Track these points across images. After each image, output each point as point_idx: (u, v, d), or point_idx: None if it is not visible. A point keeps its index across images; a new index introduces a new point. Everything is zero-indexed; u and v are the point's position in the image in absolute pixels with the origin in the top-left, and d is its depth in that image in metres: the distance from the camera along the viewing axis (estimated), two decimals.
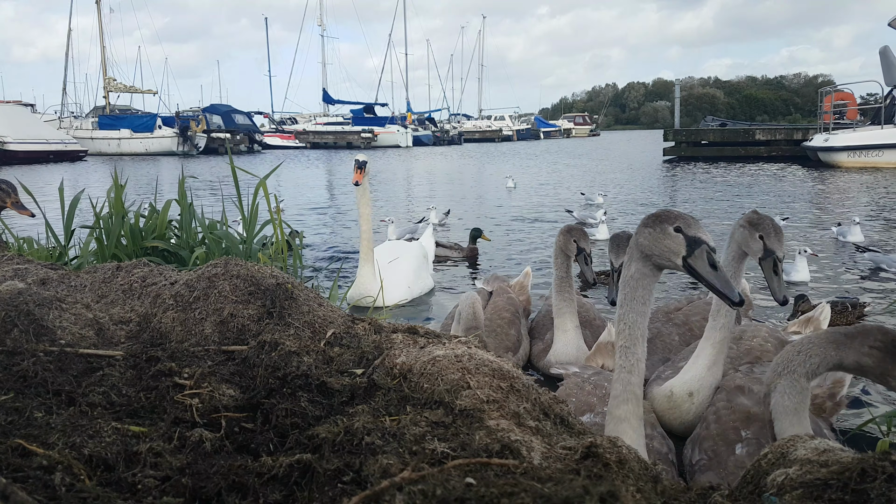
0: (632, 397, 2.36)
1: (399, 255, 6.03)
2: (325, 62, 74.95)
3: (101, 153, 45.05)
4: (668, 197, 15.34)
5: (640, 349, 2.38)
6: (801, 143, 26.08)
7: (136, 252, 4.49)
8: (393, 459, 1.37)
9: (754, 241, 2.93)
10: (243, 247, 4.75)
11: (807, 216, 11.53)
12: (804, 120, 52.66)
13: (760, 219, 2.96)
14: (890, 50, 21.81)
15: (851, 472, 1.32)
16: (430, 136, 63.93)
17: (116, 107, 53.68)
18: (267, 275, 2.45)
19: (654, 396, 3.24)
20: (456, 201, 15.20)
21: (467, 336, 2.90)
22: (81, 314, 2.22)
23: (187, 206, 4.74)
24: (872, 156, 22.11)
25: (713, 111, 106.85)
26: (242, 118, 51.78)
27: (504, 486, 1.21)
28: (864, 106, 27.06)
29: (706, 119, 36.35)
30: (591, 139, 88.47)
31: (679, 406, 3.08)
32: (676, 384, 3.13)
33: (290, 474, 1.36)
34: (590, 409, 2.86)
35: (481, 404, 1.70)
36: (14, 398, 1.62)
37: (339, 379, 1.95)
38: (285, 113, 74.99)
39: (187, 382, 1.85)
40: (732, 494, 1.53)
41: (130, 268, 2.77)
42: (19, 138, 35.83)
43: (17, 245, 4.63)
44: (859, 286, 6.43)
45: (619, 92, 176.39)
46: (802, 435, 1.61)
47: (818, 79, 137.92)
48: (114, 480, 1.33)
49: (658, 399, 3.20)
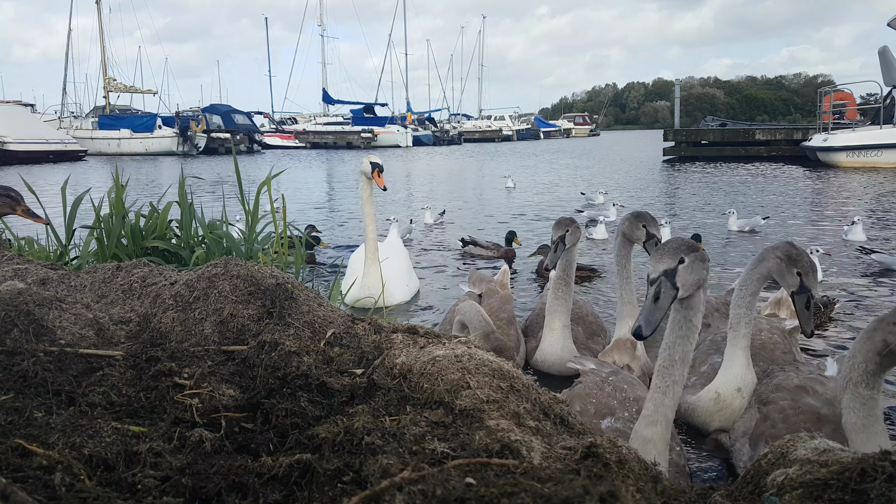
0: (662, 419, 2.37)
1: (388, 255, 5.98)
2: (325, 62, 74.95)
3: (101, 153, 45.05)
4: (668, 197, 15.34)
5: (679, 372, 2.38)
6: (800, 143, 26.08)
7: (136, 252, 4.48)
8: (393, 459, 1.37)
9: (791, 275, 3.03)
10: (244, 247, 4.75)
11: (806, 216, 11.54)
12: (804, 120, 52.69)
13: (799, 255, 3.05)
14: (889, 50, 21.80)
15: (851, 472, 1.32)
16: (430, 136, 63.91)
17: (116, 107, 53.66)
18: (267, 275, 2.45)
19: (697, 404, 3.30)
20: (455, 201, 15.19)
21: (489, 345, 2.90)
22: (81, 314, 2.22)
23: (188, 206, 4.74)
24: (871, 156, 22.11)
25: (713, 111, 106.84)
26: (242, 118, 51.79)
27: (504, 486, 1.21)
28: (864, 106, 27.07)
29: (706, 119, 36.37)
30: (591, 139, 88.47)
31: (730, 404, 3.17)
32: (721, 385, 3.22)
33: (290, 474, 1.36)
34: (610, 413, 2.81)
35: (481, 404, 1.70)
36: (14, 398, 1.62)
37: (339, 379, 1.95)
38: (285, 113, 74.99)
39: (187, 382, 1.85)
40: (732, 494, 1.53)
41: (130, 268, 2.77)
42: (19, 138, 35.85)
43: (18, 245, 4.62)
44: (869, 285, 6.45)
45: (619, 92, 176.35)
46: (802, 435, 1.61)
47: (818, 79, 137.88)
48: (114, 480, 1.34)
49: (703, 405, 3.26)
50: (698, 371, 3.60)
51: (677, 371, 2.37)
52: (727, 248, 8.57)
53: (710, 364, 3.60)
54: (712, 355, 3.67)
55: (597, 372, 3.10)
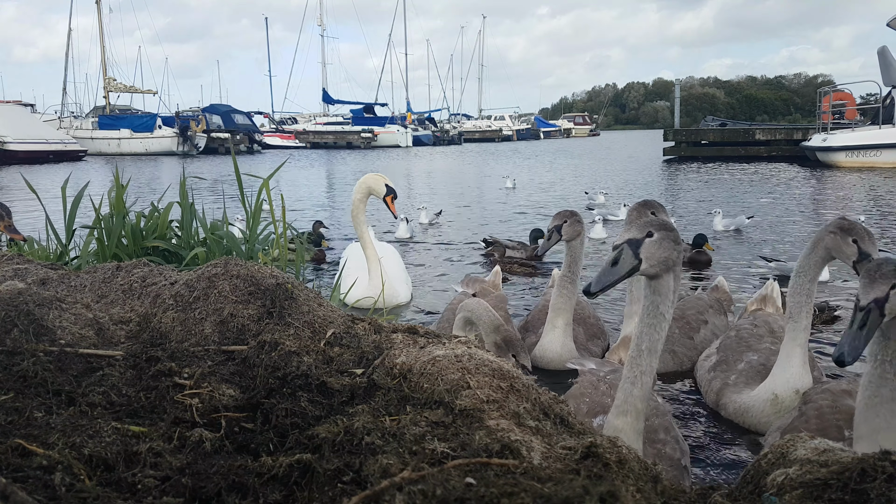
0: (631, 409, 2.34)
1: (383, 255, 5.94)
2: (324, 62, 74.97)
3: (101, 153, 45.06)
4: (668, 197, 15.34)
5: (646, 362, 2.34)
6: (800, 143, 26.08)
7: (136, 252, 4.48)
8: (393, 459, 1.37)
9: (848, 245, 2.99)
10: (245, 246, 4.75)
11: (803, 216, 11.55)
12: (804, 120, 52.69)
13: (851, 224, 3.03)
14: (888, 50, 21.79)
15: (851, 472, 1.32)
16: (430, 136, 63.90)
17: (116, 107, 53.67)
18: (267, 275, 2.44)
19: (751, 405, 3.26)
20: (454, 201, 15.19)
21: (499, 336, 2.89)
22: (81, 314, 2.22)
23: (188, 206, 4.74)
24: (870, 155, 22.11)
25: (713, 111, 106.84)
26: (242, 118, 51.77)
27: (504, 486, 1.21)
28: (864, 106, 27.07)
29: (706, 119, 36.36)
30: (591, 139, 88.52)
31: (788, 407, 3.12)
32: (779, 386, 3.17)
33: (290, 474, 1.36)
34: (603, 411, 2.77)
35: (481, 404, 1.70)
36: (14, 398, 1.62)
37: (339, 379, 1.94)
38: (285, 113, 74.97)
39: (187, 382, 1.85)
40: (732, 494, 1.53)
41: (130, 268, 2.76)
42: (19, 138, 35.88)
43: (18, 245, 4.63)
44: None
45: (619, 92, 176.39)
46: (802, 435, 1.61)
47: (818, 79, 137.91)
48: (114, 480, 1.33)
49: (758, 406, 3.22)
50: (735, 369, 3.54)
51: (644, 361, 2.35)
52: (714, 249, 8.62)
53: (746, 362, 3.54)
54: (746, 353, 3.61)
55: (595, 371, 3.09)
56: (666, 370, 4.11)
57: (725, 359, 3.68)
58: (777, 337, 3.65)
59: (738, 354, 3.63)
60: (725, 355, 3.70)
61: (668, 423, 2.82)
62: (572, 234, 4.13)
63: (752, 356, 3.52)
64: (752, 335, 3.74)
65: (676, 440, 2.73)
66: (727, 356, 3.68)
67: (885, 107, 22.23)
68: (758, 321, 3.90)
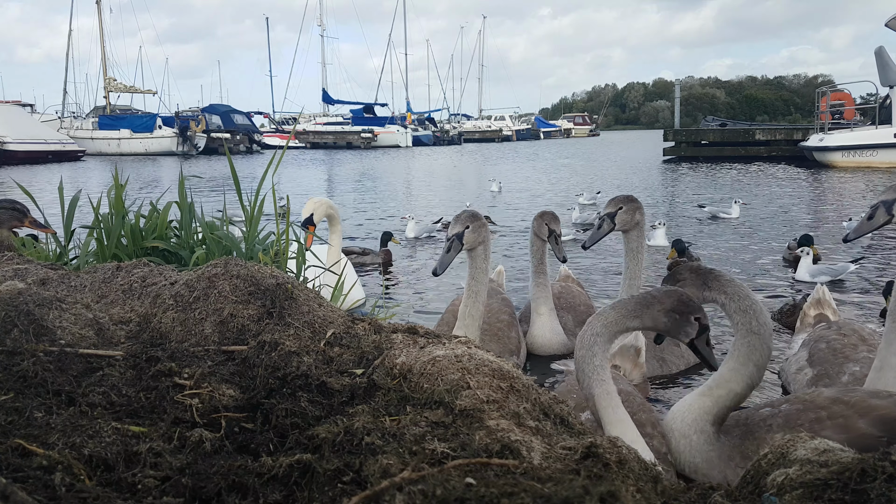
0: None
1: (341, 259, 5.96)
2: (325, 62, 74.97)
3: (101, 153, 45.08)
4: (668, 197, 15.34)
5: (472, 304, 3.27)
6: (800, 143, 26.09)
7: (136, 252, 4.48)
8: (393, 459, 1.37)
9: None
10: (245, 246, 4.74)
11: (805, 214, 11.57)
12: (804, 120, 52.65)
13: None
14: (885, 50, 21.76)
15: (851, 472, 1.32)
16: (429, 136, 63.88)
17: (116, 107, 53.69)
18: (267, 275, 2.44)
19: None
20: (454, 204, 15.18)
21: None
22: (81, 314, 2.22)
23: (188, 206, 4.73)
24: (867, 155, 22.12)
25: (713, 111, 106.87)
26: (241, 118, 51.77)
27: (504, 486, 1.21)
28: (863, 106, 27.05)
29: (706, 119, 36.37)
30: (591, 139, 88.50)
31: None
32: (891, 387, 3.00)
33: (290, 474, 1.36)
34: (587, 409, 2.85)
35: (481, 404, 1.70)
36: (14, 398, 1.62)
37: (339, 379, 1.94)
38: (286, 113, 74.94)
39: (187, 382, 1.85)
40: (732, 494, 1.53)
41: (130, 268, 2.76)
42: (18, 138, 35.90)
43: (18, 245, 4.62)
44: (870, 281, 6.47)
45: (619, 92, 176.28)
46: (802, 435, 1.61)
47: (818, 79, 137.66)
48: (114, 480, 1.33)
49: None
50: (839, 381, 3.41)
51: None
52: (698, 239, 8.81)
53: (850, 374, 3.41)
54: (845, 364, 3.49)
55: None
56: (652, 374, 4.09)
57: (826, 372, 3.54)
58: (869, 344, 3.55)
59: (838, 367, 3.50)
60: (824, 368, 3.56)
61: (655, 418, 2.91)
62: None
63: (854, 367, 3.40)
64: (846, 345, 3.62)
65: (663, 434, 2.83)
66: (826, 369, 3.54)
67: (883, 107, 22.23)
68: (844, 329, 3.78)
